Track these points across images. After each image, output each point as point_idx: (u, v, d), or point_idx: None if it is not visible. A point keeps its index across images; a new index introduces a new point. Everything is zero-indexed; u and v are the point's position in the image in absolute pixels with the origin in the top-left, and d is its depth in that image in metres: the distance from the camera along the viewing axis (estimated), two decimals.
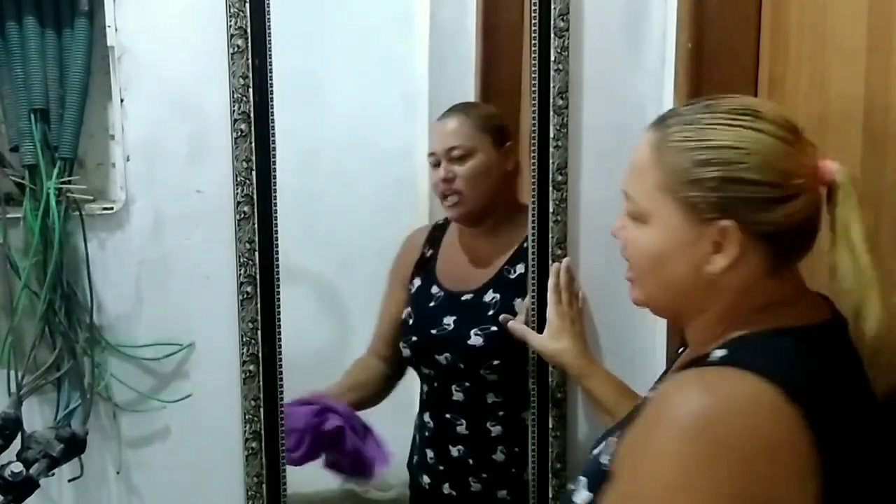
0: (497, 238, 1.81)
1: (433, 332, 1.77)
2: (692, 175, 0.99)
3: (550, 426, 1.75)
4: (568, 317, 1.65)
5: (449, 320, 1.76)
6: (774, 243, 0.99)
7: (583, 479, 1.09)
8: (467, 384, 1.76)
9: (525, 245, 1.74)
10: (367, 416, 1.82)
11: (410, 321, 1.82)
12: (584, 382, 1.61)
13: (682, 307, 1.08)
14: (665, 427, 0.91)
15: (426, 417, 1.84)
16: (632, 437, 0.99)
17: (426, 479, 1.84)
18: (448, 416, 1.79)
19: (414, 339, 1.81)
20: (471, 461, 1.78)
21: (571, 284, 1.69)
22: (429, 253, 1.88)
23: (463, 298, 1.78)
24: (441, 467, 1.81)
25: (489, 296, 1.75)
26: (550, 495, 1.76)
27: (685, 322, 1.11)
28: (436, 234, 1.89)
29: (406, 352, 1.82)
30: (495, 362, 1.72)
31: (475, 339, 1.72)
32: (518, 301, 1.73)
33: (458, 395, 1.77)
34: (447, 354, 1.75)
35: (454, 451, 1.79)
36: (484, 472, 1.77)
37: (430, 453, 1.83)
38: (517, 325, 1.68)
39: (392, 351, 1.87)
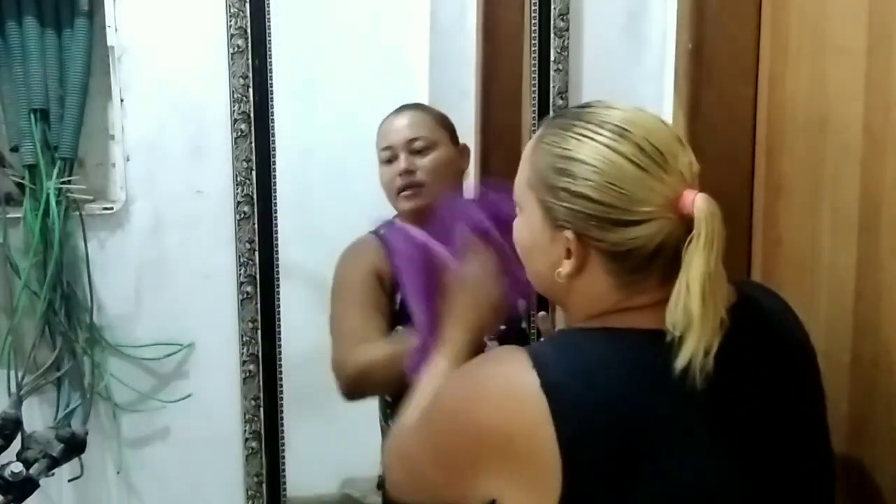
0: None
1: None
2: (549, 180, 0.98)
3: None
4: None
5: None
6: (618, 261, 0.97)
7: None
8: None
9: None
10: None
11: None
12: None
13: (551, 298, 1.11)
14: (453, 381, 1.03)
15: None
16: None
17: None
18: None
19: None
20: None
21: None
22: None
23: None
24: None
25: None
26: None
27: (564, 314, 1.13)
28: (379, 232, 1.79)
29: None
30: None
31: None
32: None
33: None
34: None
35: None
36: None
37: None
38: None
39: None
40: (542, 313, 1.62)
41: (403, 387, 1.27)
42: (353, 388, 1.50)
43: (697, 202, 0.92)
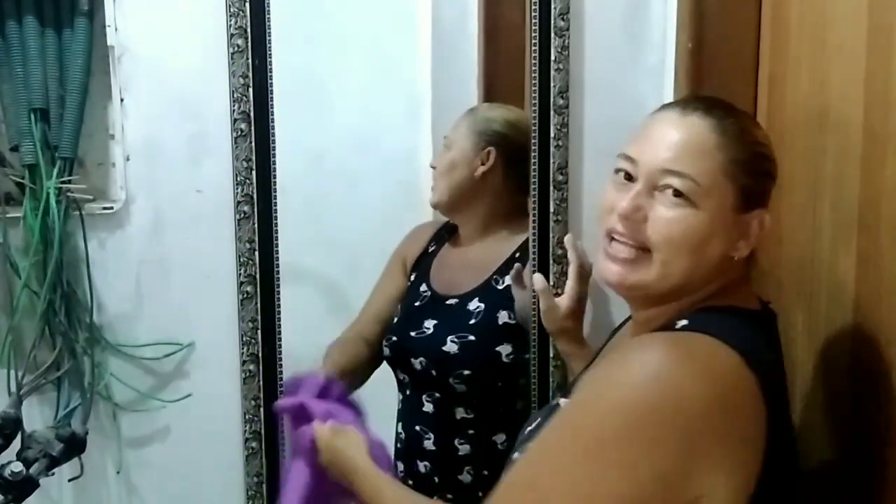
0: (491, 246, 1.77)
1: (412, 334, 1.71)
2: (752, 163, 1.05)
3: None
4: (583, 300, 1.61)
5: (429, 324, 1.70)
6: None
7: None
8: (437, 395, 1.69)
9: (516, 255, 1.72)
10: None
11: (394, 319, 1.78)
12: (577, 365, 1.57)
13: (689, 288, 1.09)
14: (619, 379, 0.95)
15: (399, 428, 1.78)
16: (577, 394, 1.03)
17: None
18: (418, 428, 1.72)
19: (394, 339, 1.74)
20: (436, 479, 1.69)
21: (587, 261, 1.63)
22: (431, 249, 1.84)
23: (448, 302, 1.73)
24: (409, 482, 1.74)
25: (473, 304, 1.70)
26: None
27: (667, 301, 1.11)
28: (442, 233, 1.86)
29: (386, 351, 1.76)
30: (466, 372, 1.65)
31: (450, 346, 1.65)
32: (503, 312, 1.69)
33: (428, 407, 1.70)
34: (422, 359, 1.69)
35: (421, 467, 1.71)
36: (449, 492, 1.68)
37: (400, 466, 1.76)
38: (541, 281, 1.61)
39: (379, 334, 1.79)
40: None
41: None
42: None
43: None
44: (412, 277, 1.83)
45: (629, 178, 1.12)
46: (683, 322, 1.03)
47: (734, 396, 0.92)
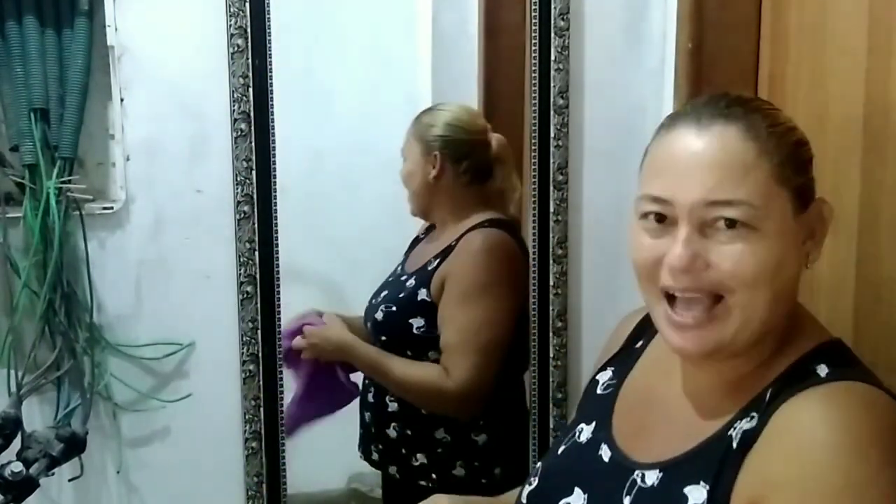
0: (443, 234, 1.86)
1: (372, 301, 1.87)
2: (797, 157, 0.92)
3: (551, 426, 1.76)
4: None
5: (382, 294, 1.86)
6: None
7: None
8: None
9: (452, 244, 1.81)
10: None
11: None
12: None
13: (774, 322, 0.94)
14: (825, 455, 0.82)
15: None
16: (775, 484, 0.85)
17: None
18: (367, 381, 1.89)
19: (366, 305, 1.89)
20: (373, 430, 1.87)
21: None
22: (421, 236, 1.96)
23: (401, 279, 1.86)
24: (360, 431, 1.91)
25: (410, 281, 1.82)
26: None
27: (752, 349, 0.95)
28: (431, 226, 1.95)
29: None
30: (383, 338, 1.81)
31: (379, 314, 1.82)
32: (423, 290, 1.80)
33: None
34: (369, 324, 1.86)
35: (365, 417, 1.89)
36: (380, 443, 1.86)
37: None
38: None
39: None
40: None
41: None
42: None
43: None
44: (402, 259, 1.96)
45: (661, 219, 0.93)
46: (825, 369, 0.90)
47: None
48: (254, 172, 1.60)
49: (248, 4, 1.56)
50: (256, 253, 1.62)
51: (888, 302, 1.22)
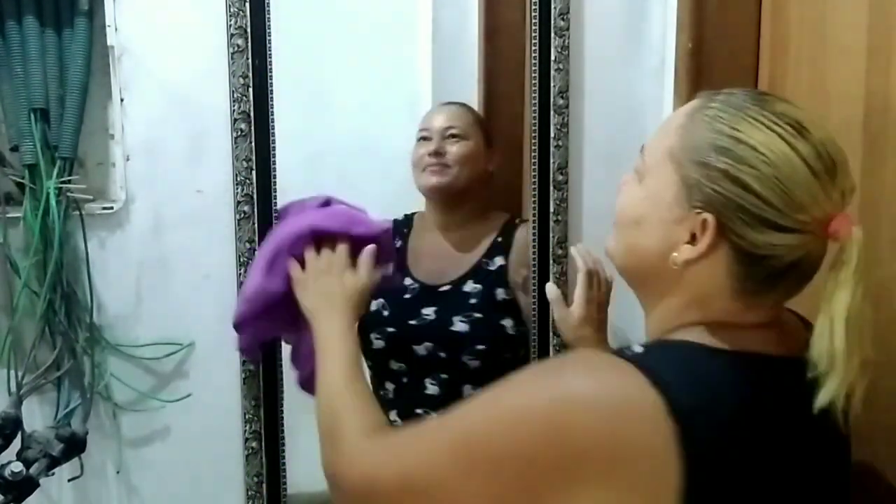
0: (469, 235, 1.83)
1: (412, 322, 1.76)
2: (703, 156, 0.90)
3: None
4: (595, 302, 1.51)
5: (428, 311, 1.76)
6: (748, 265, 0.89)
7: None
8: (444, 375, 1.75)
9: (499, 240, 1.79)
10: None
11: (385, 312, 1.80)
12: None
13: (643, 282, 1.00)
14: (532, 381, 0.90)
15: (392, 416, 1.82)
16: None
17: None
18: (419, 411, 1.76)
19: (391, 330, 1.77)
20: None
21: (600, 268, 1.55)
22: (398, 244, 1.88)
23: (441, 290, 1.79)
24: None
25: (469, 286, 1.77)
26: None
27: (646, 304, 1.01)
28: (401, 228, 1.89)
29: (379, 343, 1.78)
30: (479, 347, 1.72)
31: (460, 326, 1.73)
32: (499, 290, 1.76)
33: (432, 389, 1.76)
34: (427, 344, 1.74)
35: None
36: None
37: None
38: (554, 291, 1.57)
39: None
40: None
41: None
42: None
43: (854, 230, 0.85)
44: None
45: None
46: (639, 350, 0.91)
47: (636, 437, 0.81)
48: (254, 172, 1.60)
49: (248, 4, 1.56)
50: (256, 253, 1.62)
51: (888, 302, 1.22)
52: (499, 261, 1.78)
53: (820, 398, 0.85)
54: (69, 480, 1.63)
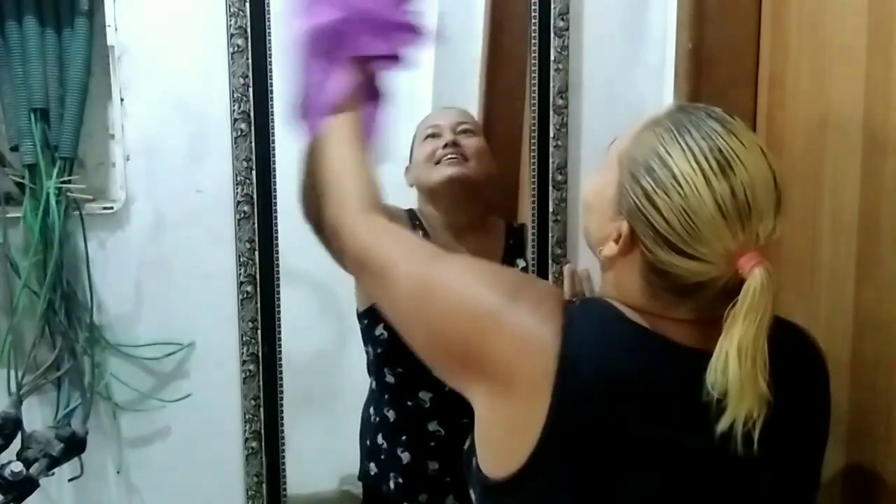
0: (482, 240, 1.81)
1: None
2: (636, 170, 0.96)
3: None
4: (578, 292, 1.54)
5: None
6: (656, 275, 0.95)
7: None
8: None
9: (510, 242, 1.78)
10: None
11: None
12: None
13: (595, 254, 1.10)
14: (496, 284, 1.00)
15: (432, 426, 1.79)
16: None
17: (424, 497, 1.79)
18: (466, 420, 1.75)
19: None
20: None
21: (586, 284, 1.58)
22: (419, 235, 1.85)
23: None
24: (447, 478, 1.77)
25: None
26: None
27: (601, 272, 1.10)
28: (413, 222, 1.87)
29: (383, 349, 1.76)
30: None
31: None
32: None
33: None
34: None
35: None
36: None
37: (432, 465, 1.78)
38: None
39: None
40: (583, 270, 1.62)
41: None
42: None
43: (755, 271, 0.89)
44: None
45: None
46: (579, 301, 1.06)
47: (522, 365, 0.94)
48: (254, 172, 1.60)
49: (248, 4, 1.56)
50: (256, 253, 1.62)
51: (888, 302, 1.23)
52: (520, 262, 1.78)
53: (721, 422, 0.89)
54: (69, 480, 1.63)
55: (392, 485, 1.75)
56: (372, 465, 1.79)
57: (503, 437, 0.96)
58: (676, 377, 0.94)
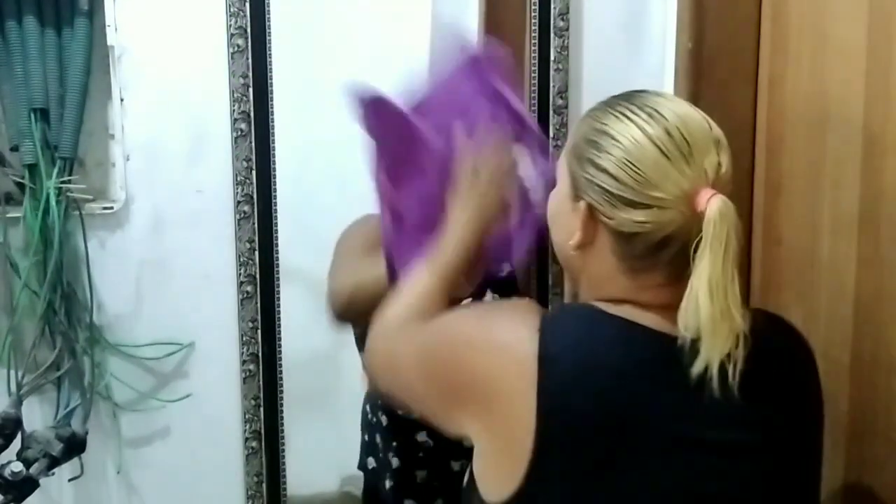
0: None
1: None
2: (579, 150, 0.99)
3: None
4: None
5: None
6: (624, 243, 0.96)
7: None
8: None
9: None
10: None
11: None
12: None
13: (568, 272, 1.13)
14: (465, 321, 1.02)
15: (421, 437, 1.79)
16: None
17: (411, 503, 1.80)
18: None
19: None
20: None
21: None
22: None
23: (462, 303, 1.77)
24: (436, 483, 1.77)
25: (488, 296, 1.75)
26: None
27: (577, 290, 1.09)
28: None
29: None
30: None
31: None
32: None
33: None
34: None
35: (455, 466, 1.76)
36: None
37: (421, 474, 1.78)
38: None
39: None
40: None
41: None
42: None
43: (712, 202, 0.90)
44: None
45: None
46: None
47: (503, 377, 0.93)
48: (254, 172, 1.60)
49: (248, 4, 1.56)
50: (256, 253, 1.62)
51: (888, 302, 1.23)
52: (506, 266, 1.76)
53: (696, 365, 0.89)
54: (69, 480, 1.63)
55: (387, 485, 1.76)
56: (370, 459, 1.80)
57: (502, 457, 0.95)
58: (661, 365, 0.94)
